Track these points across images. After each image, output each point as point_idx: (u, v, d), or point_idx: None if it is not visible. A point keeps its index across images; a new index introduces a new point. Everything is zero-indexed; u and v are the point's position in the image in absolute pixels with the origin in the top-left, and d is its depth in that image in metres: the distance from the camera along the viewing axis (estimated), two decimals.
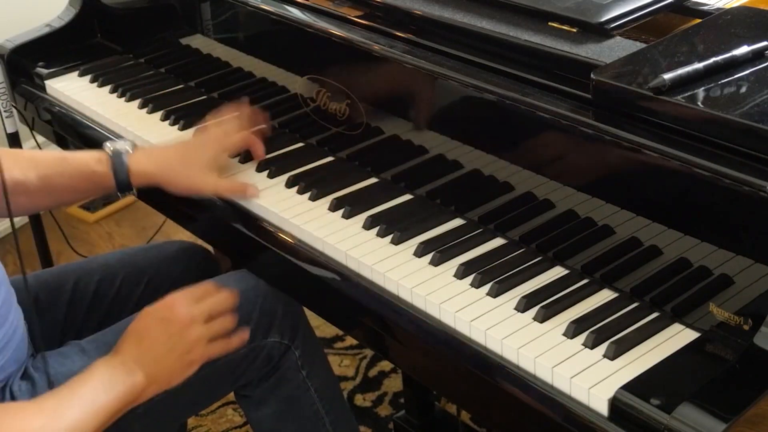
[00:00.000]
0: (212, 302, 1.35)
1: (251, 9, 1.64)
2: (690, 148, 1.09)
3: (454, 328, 1.19)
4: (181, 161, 1.49)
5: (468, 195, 1.37)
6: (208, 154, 1.49)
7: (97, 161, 1.47)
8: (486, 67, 1.32)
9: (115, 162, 1.46)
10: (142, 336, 1.30)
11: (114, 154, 1.47)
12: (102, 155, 1.48)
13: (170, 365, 1.29)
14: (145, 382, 1.26)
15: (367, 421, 2.14)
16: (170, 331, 1.29)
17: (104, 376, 1.24)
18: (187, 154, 1.50)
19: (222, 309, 1.36)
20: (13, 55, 1.95)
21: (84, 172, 1.47)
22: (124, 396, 1.24)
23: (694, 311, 1.13)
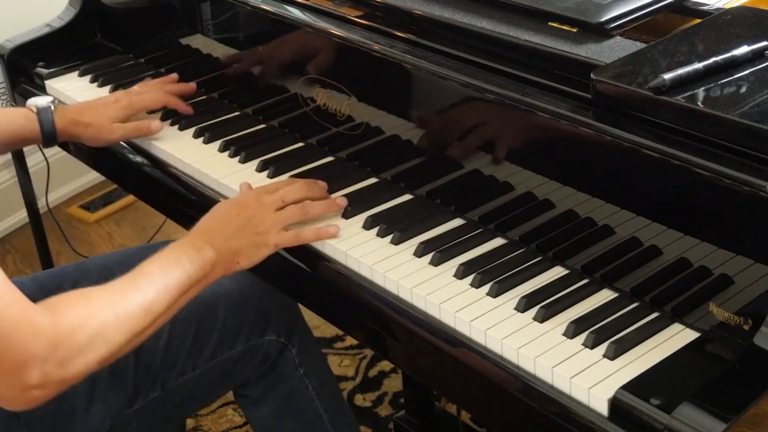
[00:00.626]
0: (285, 190, 1.37)
1: (251, 9, 1.64)
2: (690, 148, 1.09)
3: (454, 328, 1.19)
4: (94, 114, 1.64)
5: (468, 195, 1.37)
6: (116, 108, 1.64)
7: (25, 117, 1.60)
8: (486, 67, 1.32)
9: (41, 117, 1.60)
10: (212, 217, 1.33)
11: (40, 110, 1.60)
12: (29, 113, 1.61)
13: (240, 243, 1.30)
14: (215, 257, 1.27)
15: (367, 421, 2.14)
16: (241, 213, 1.33)
17: (172, 254, 1.25)
18: (99, 108, 1.65)
19: (296, 197, 1.37)
20: (13, 55, 1.95)
21: (12, 126, 1.60)
22: (194, 271, 1.24)
23: (694, 311, 1.13)
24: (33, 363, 1.05)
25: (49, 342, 1.07)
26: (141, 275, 1.21)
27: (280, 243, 1.34)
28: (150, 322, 1.19)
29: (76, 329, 1.09)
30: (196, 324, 1.43)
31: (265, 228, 1.33)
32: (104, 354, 1.13)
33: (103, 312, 1.14)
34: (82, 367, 1.11)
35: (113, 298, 1.16)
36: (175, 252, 1.25)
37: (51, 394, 1.10)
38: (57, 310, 1.10)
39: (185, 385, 1.42)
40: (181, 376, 1.42)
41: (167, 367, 1.40)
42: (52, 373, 1.07)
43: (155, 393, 1.40)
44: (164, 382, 1.40)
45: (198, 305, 1.44)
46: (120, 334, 1.14)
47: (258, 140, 1.63)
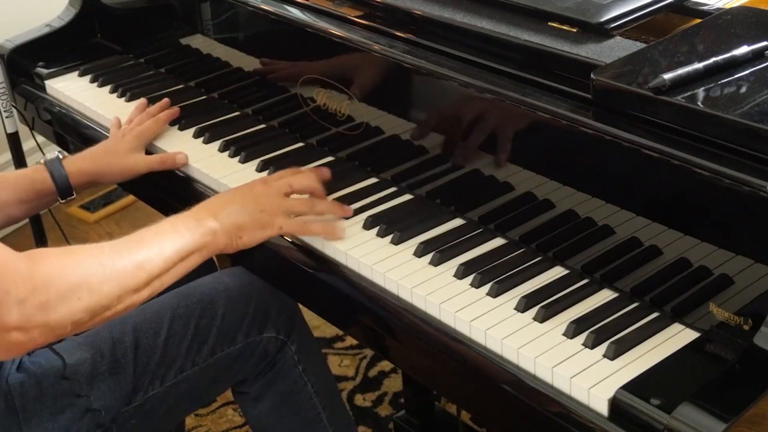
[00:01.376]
0: (293, 178, 1.38)
1: (251, 9, 1.64)
2: (690, 148, 1.09)
3: (454, 328, 1.19)
4: (108, 153, 1.60)
5: (468, 195, 1.37)
6: (128, 140, 1.61)
7: (35, 171, 1.55)
8: (486, 67, 1.32)
9: (51, 169, 1.54)
10: (218, 197, 1.36)
11: (48, 162, 1.55)
12: (38, 167, 1.55)
13: (245, 219, 1.31)
14: (217, 227, 1.27)
15: (367, 421, 2.14)
16: (247, 193, 1.34)
17: (169, 222, 1.26)
18: (110, 146, 1.62)
19: (303, 186, 1.38)
20: (13, 55, 1.95)
21: (24, 183, 1.54)
22: (192, 239, 1.24)
23: (694, 311, 1.13)
24: (8, 300, 1.05)
25: (26, 283, 1.07)
26: (135, 237, 1.22)
27: (285, 227, 1.34)
28: (144, 281, 1.18)
29: (56, 274, 1.10)
30: (195, 321, 1.43)
31: (271, 208, 1.33)
32: (91, 303, 1.12)
33: (87, 261, 1.14)
34: (66, 314, 1.10)
35: (99, 251, 1.16)
36: (172, 221, 1.27)
37: (35, 340, 1.09)
38: (38, 257, 1.11)
39: (184, 381, 1.43)
40: (181, 373, 1.42)
41: (166, 364, 1.41)
42: (33, 315, 1.07)
43: (154, 390, 1.40)
44: (163, 379, 1.41)
45: (197, 302, 1.45)
46: (108, 285, 1.14)
47: (258, 140, 1.63)
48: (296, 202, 1.36)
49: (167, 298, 1.47)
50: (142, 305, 1.47)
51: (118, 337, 1.39)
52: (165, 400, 1.42)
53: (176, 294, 1.47)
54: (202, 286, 1.49)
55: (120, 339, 1.39)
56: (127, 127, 1.66)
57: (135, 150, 1.60)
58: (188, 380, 1.43)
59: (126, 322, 1.42)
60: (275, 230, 1.33)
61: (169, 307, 1.44)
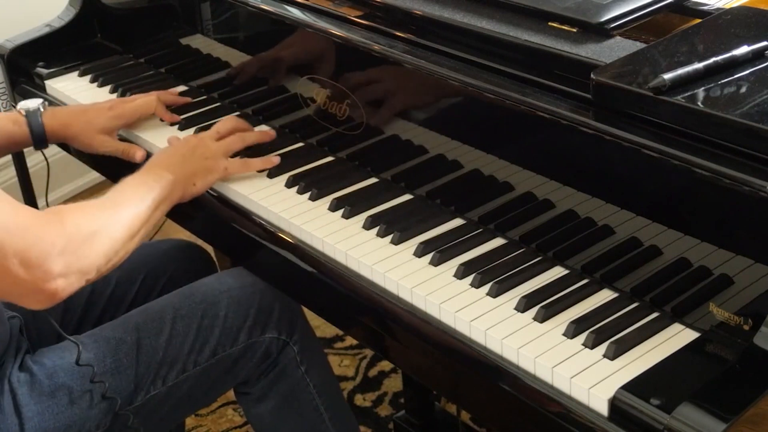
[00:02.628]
0: (217, 125, 1.55)
1: (251, 9, 1.64)
2: (690, 148, 1.09)
3: (454, 328, 1.19)
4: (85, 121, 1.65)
5: (468, 195, 1.37)
6: (107, 117, 1.65)
7: (14, 122, 1.61)
8: (486, 67, 1.32)
9: (30, 120, 1.60)
10: (159, 155, 1.49)
11: (28, 113, 1.61)
12: (18, 117, 1.61)
13: (193, 167, 1.45)
14: (173, 178, 1.40)
15: (367, 421, 2.14)
16: (184, 146, 1.50)
17: (136, 179, 1.38)
18: (90, 115, 1.66)
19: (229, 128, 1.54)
20: (13, 55, 1.95)
21: (3, 131, 1.60)
22: (159, 191, 1.38)
23: (694, 311, 1.13)
24: (54, 251, 1.17)
25: (63, 234, 1.19)
26: (120, 191, 1.35)
27: (229, 167, 1.49)
28: (137, 228, 1.32)
29: (80, 224, 1.23)
30: (197, 321, 1.43)
31: (211, 153, 1.48)
32: (108, 247, 1.26)
33: (99, 212, 1.28)
34: (93, 258, 1.23)
35: (104, 204, 1.31)
36: (137, 177, 1.39)
37: (72, 285, 1.21)
38: (59, 212, 1.23)
39: (186, 382, 1.43)
40: (182, 374, 1.42)
41: (168, 364, 1.41)
42: (71, 261, 1.20)
43: (156, 390, 1.40)
44: (165, 379, 1.41)
45: (199, 302, 1.45)
46: (117, 231, 1.28)
47: None
48: (230, 140, 1.51)
49: (169, 298, 1.47)
50: (143, 305, 1.48)
51: (120, 336, 1.39)
52: (166, 401, 1.42)
53: (178, 294, 1.47)
54: (205, 286, 1.49)
55: (122, 339, 1.39)
56: (117, 101, 1.71)
57: (107, 131, 1.65)
58: (190, 380, 1.43)
59: (128, 322, 1.42)
60: (221, 172, 1.48)
61: (171, 307, 1.44)
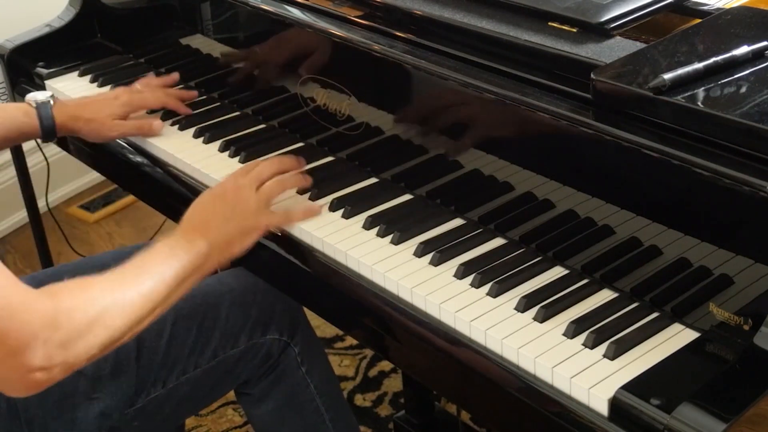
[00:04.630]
0: (258, 169, 1.39)
1: (251, 9, 1.64)
2: (690, 148, 1.09)
3: (454, 328, 1.19)
4: (94, 110, 1.64)
5: (468, 195, 1.37)
6: (116, 104, 1.64)
7: (25, 113, 1.60)
8: (486, 67, 1.32)
9: (41, 112, 1.59)
10: (196, 211, 1.34)
11: (39, 105, 1.60)
12: (28, 108, 1.60)
13: (230, 231, 1.31)
14: (207, 249, 1.27)
15: (367, 421, 2.14)
16: (222, 202, 1.34)
17: (165, 246, 1.25)
18: (99, 104, 1.65)
19: (271, 172, 1.40)
20: (13, 55, 1.95)
21: (13, 123, 1.60)
22: (189, 262, 1.25)
23: (694, 311, 1.13)
24: (35, 344, 1.06)
25: (50, 323, 1.07)
26: (137, 265, 1.21)
27: (270, 224, 1.36)
28: (149, 311, 1.19)
29: (75, 311, 1.10)
30: (198, 322, 1.43)
31: (251, 211, 1.34)
32: (105, 339, 1.13)
33: (101, 296, 1.15)
34: (83, 351, 1.11)
35: (111, 285, 1.17)
36: (168, 243, 1.26)
37: (54, 378, 1.10)
38: (56, 294, 1.11)
39: (187, 384, 1.43)
40: (183, 375, 1.42)
41: (169, 366, 1.40)
42: (55, 354, 1.08)
43: (157, 392, 1.40)
44: (166, 381, 1.41)
45: (200, 304, 1.44)
46: (120, 319, 1.15)
47: (258, 140, 1.63)
48: (269, 190, 1.38)
49: None
50: None
51: None
52: (167, 402, 1.42)
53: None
54: (206, 287, 1.48)
55: None
56: (122, 90, 1.70)
57: (118, 117, 1.63)
58: (191, 382, 1.43)
59: None
60: (262, 231, 1.35)
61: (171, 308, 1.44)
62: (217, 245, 1.29)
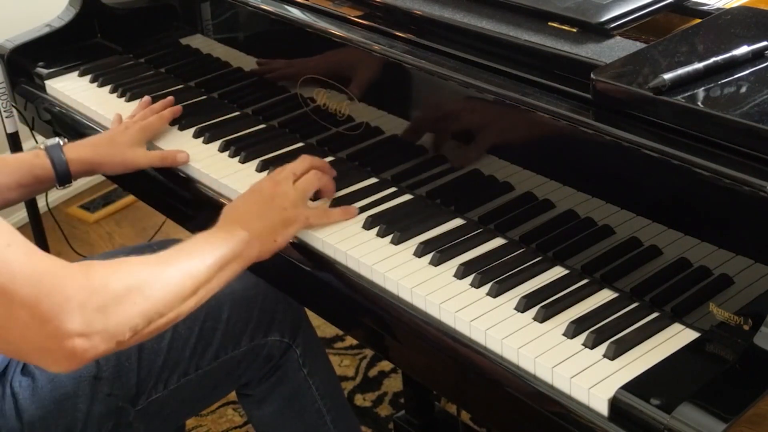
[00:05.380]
0: (292, 165, 1.40)
1: (251, 9, 1.64)
2: (690, 148, 1.09)
3: (454, 328, 1.19)
4: (110, 144, 1.60)
5: (468, 195, 1.37)
6: (131, 133, 1.61)
7: (35, 156, 1.54)
8: (486, 67, 1.32)
9: (52, 155, 1.53)
10: (234, 208, 1.35)
11: (49, 147, 1.54)
12: (38, 151, 1.54)
13: (272, 221, 1.32)
14: (247, 236, 1.27)
15: (367, 421, 2.14)
16: (260, 196, 1.35)
17: (202, 236, 1.25)
18: (113, 137, 1.61)
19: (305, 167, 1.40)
20: (13, 55, 1.95)
21: (24, 167, 1.53)
22: (229, 249, 1.24)
23: (694, 311, 1.13)
24: (70, 306, 1.01)
25: (84, 286, 1.04)
26: (174, 248, 1.20)
27: (311, 216, 1.36)
28: (191, 289, 1.17)
29: (110, 279, 1.07)
30: (199, 324, 1.43)
31: (290, 202, 1.34)
32: (145, 308, 1.09)
33: (138, 268, 1.12)
34: (123, 318, 1.07)
35: (147, 261, 1.15)
36: (206, 234, 1.26)
37: (96, 347, 1.04)
38: (88, 266, 1.08)
39: (188, 385, 1.42)
40: (184, 377, 1.42)
41: (170, 368, 1.40)
42: (93, 319, 1.03)
43: (158, 393, 1.40)
44: (167, 382, 1.40)
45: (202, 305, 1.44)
46: (160, 291, 1.12)
47: (258, 140, 1.63)
48: (306, 183, 1.38)
49: None
50: None
51: None
52: (168, 404, 1.42)
53: None
54: None
55: None
56: (131, 120, 1.66)
57: (137, 144, 1.60)
58: (192, 383, 1.43)
59: None
60: (303, 222, 1.35)
61: None
62: (257, 233, 1.29)
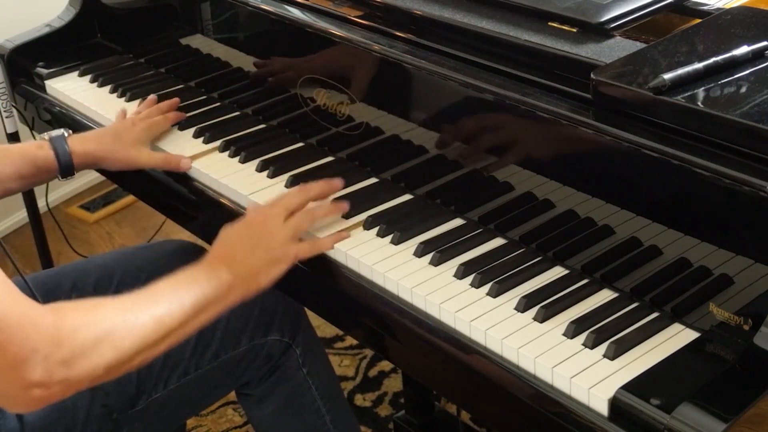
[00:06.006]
0: (285, 200, 1.35)
1: (251, 9, 1.64)
2: (690, 148, 1.09)
3: (454, 328, 1.19)
4: (115, 139, 1.58)
5: (468, 195, 1.37)
6: (137, 131, 1.59)
7: (39, 147, 1.53)
8: (486, 67, 1.32)
9: (56, 145, 1.52)
10: (223, 243, 1.30)
11: (53, 138, 1.53)
12: (42, 142, 1.53)
13: (257, 262, 1.28)
14: (231, 279, 1.24)
15: (367, 421, 2.14)
16: (249, 233, 1.30)
17: (185, 274, 1.22)
18: (119, 132, 1.60)
19: (299, 202, 1.35)
20: (13, 55, 1.95)
21: (27, 158, 1.52)
22: (210, 291, 1.21)
23: (694, 311, 1.13)
24: (34, 358, 1.02)
25: (51, 338, 1.04)
26: (151, 289, 1.18)
27: (299, 254, 1.31)
28: (162, 335, 1.15)
29: (80, 328, 1.07)
30: None
31: (278, 242, 1.30)
32: (111, 359, 1.09)
33: (109, 316, 1.11)
34: (86, 370, 1.07)
35: (122, 305, 1.13)
36: (189, 272, 1.23)
37: (54, 395, 1.06)
38: (60, 311, 1.08)
39: (188, 385, 1.42)
40: (184, 376, 1.42)
41: (170, 368, 1.40)
42: (55, 371, 1.04)
43: (158, 393, 1.40)
44: (167, 382, 1.40)
45: None
46: (129, 341, 1.11)
47: (258, 140, 1.63)
48: (298, 222, 1.33)
49: None
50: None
51: None
52: (168, 404, 1.42)
53: None
54: None
55: None
56: (136, 117, 1.64)
57: (141, 142, 1.58)
58: (192, 383, 1.43)
59: None
60: (290, 261, 1.30)
61: None
62: (241, 276, 1.25)
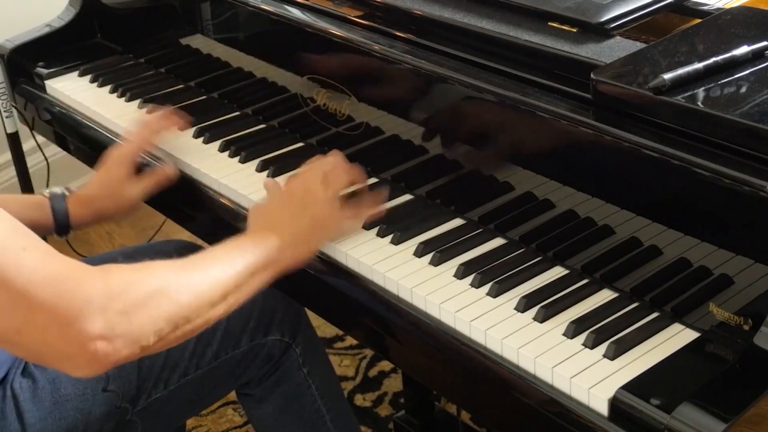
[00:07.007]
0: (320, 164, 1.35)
1: (251, 9, 1.64)
2: (690, 148, 1.09)
3: (454, 328, 1.19)
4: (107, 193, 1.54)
5: (468, 195, 1.37)
6: (126, 164, 1.55)
7: (37, 204, 1.50)
8: (486, 67, 1.32)
9: (54, 205, 1.50)
10: (264, 213, 1.30)
11: (53, 197, 1.50)
12: (41, 199, 1.51)
13: (303, 226, 1.27)
14: (279, 242, 1.23)
15: (367, 421, 2.14)
16: (291, 199, 1.31)
17: (231, 243, 1.20)
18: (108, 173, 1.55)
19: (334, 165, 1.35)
20: (13, 55, 1.95)
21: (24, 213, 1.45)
22: (261, 254, 1.20)
23: (694, 311, 1.13)
24: (90, 309, 0.99)
25: (104, 291, 1.00)
26: (198, 255, 1.16)
27: (345, 214, 1.33)
28: (220, 295, 1.13)
29: (132, 283, 1.04)
30: None
31: (322, 202, 1.30)
32: (170, 312, 1.06)
33: (160, 272, 1.09)
34: (147, 321, 1.03)
35: (172, 265, 1.11)
36: (234, 242, 1.21)
37: (119, 351, 1.01)
38: (109, 270, 1.05)
39: (188, 385, 1.42)
40: (184, 377, 1.42)
41: (170, 368, 1.40)
42: (116, 322, 1.00)
43: (158, 393, 1.40)
44: (167, 383, 1.40)
45: None
46: (185, 295, 1.08)
47: (258, 140, 1.63)
48: (337, 180, 1.34)
49: None
50: None
51: None
52: (169, 403, 1.42)
53: None
54: None
55: None
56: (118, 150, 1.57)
57: (127, 179, 1.54)
58: (192, 383, 1.43)
59: None
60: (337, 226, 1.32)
61: None
62: (291, 240, 1.25)
